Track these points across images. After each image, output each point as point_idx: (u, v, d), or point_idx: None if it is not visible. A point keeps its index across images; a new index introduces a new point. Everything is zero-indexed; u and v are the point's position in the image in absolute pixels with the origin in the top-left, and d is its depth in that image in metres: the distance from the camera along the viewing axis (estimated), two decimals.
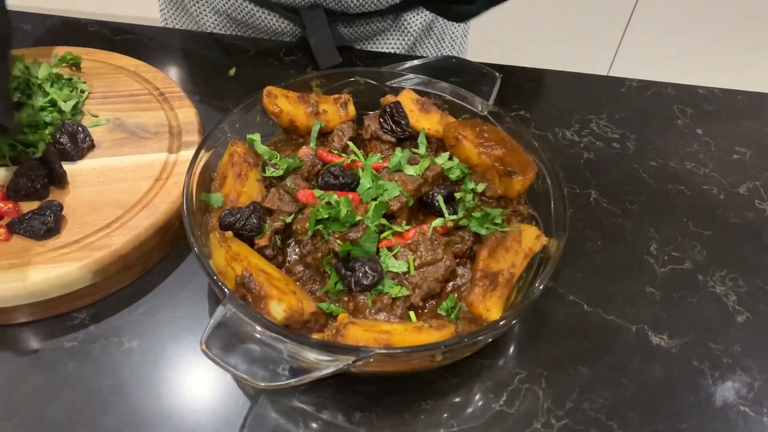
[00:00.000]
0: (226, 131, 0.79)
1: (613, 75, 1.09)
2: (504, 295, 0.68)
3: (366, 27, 1.12)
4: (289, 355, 0.59)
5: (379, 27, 1.13)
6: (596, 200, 0.89)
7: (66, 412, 0.65)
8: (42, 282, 0.67)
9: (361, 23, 1.11)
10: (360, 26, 1.11)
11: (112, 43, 1.05)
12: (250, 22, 1.10)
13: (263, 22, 1.09)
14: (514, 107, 1.02)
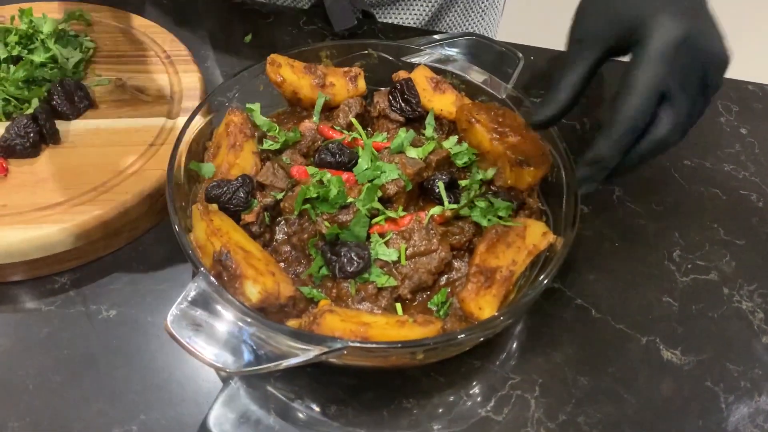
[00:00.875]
0: (227, 98, 0.76)
1: None
2: (500, 293, 0.63)
3: None
4: (259, 340, 0.55)
5: None
6: (619, 198, 0.83)
7: (33, 378, 0.63)
8: (21, 242, 0.65)
9: None
10: None
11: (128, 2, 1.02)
12: None
13: None
14: (541, 92, 0.95)
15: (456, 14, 1.13)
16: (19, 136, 0.71)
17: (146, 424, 0.61)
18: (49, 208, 0.68)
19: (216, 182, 0.67)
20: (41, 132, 0.72)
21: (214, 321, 0.56)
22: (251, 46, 0.98)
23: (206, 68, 0.93)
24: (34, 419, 0.60)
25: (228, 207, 0.66)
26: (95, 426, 0.60)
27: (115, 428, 0.60)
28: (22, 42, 0.79)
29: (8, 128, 0.72)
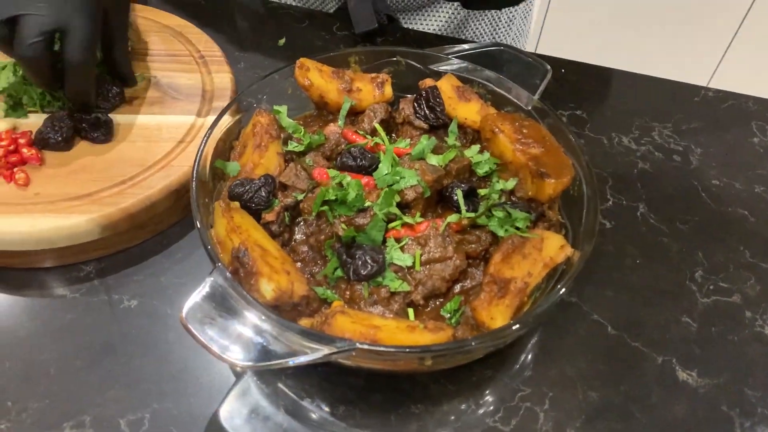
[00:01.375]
0: (256, 100, 0.77)
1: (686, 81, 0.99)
2: (514, 304, 0.63)
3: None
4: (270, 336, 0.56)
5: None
6: (643, 215, 0.82)
7: (55, 362, 0.65)
8: (50, 230, 0.67)
9: None
10: None
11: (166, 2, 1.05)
12: None
13: None
14: (571, 105, 0.95)
15: (483, 23, 1.13)
16: (54, 131, 0.73)
17: (158, 413, 0.62)
18: (78, 198, 0.70)
19: (239, 181, 0.68)
20: (75, 127, 0.74)
21: (227, 315, 0.57)
22: (284, 49, 1.00)
23: (239, 69, 0.95)
24: (52, 401, 0.62)
25: (249, 205, 0.67)
26: (109, 411, 0.62)
27: (128, 414, 0.62)
28: None
29: (45, 122, 0.74)
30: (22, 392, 0.63)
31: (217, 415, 0.62)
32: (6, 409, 0.62)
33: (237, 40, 1.02)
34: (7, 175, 0.71)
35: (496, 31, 1.14)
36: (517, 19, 1.16)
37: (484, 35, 1.14)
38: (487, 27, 1.13)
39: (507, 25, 1.15)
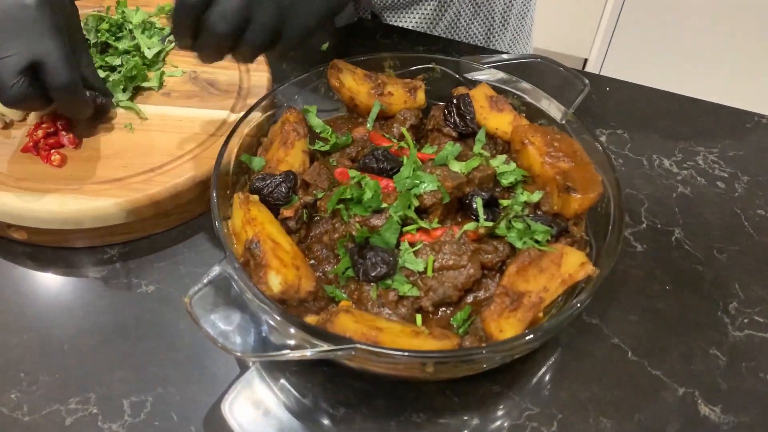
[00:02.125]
0: (289, 98, 0.78)
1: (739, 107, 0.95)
2: (526, 319, 0.61)
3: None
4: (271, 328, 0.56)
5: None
6: (678, 240, 0.78)
7: (69, 338, 0.67)
8: (77, 211, 0.69)
9: None
10: None
11: None
12: None
13: None
14: (612, 124, 0.92)
15: (476, 23, 1.09)
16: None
17: (162, 397, 0.63)
18: (107, 182, 0.72)
19: (261, 175, 0.69)
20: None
21: (231, 304, 0.57)
22: (327, 54, 1.01)
23: (281, 70, 0.97)
24: (62, 377, 0.64)
25: (268, 200, 0.67)
26: (115, 391, 0.63)
27: (132, 396, 0.63)
28: (111, 30, 0.85)
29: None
30: (35, 364, 0.65)
31: (218, 404, 0.62)
32: (18, 380, 0.63)
33: None
34: (44, 155, 0.74)
35: (490, 32, 1.11)
36: (513, 20, 1.13)
37: (478, 35, 1.11)
38: (480, 27, 1.10)
39: (501, 25, 1.12)
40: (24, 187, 0.70)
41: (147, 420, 0.61)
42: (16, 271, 0.72)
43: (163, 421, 0.61)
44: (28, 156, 0.74)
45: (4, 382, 0.63)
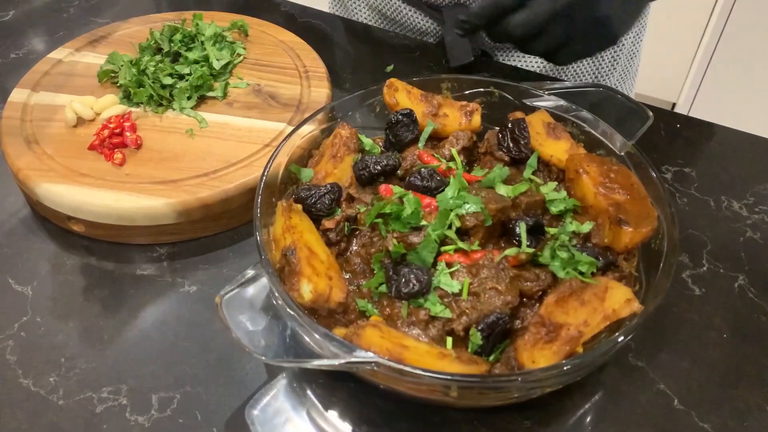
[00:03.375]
0: (344, 113, 0.79)
1: None
2: (562, 352, 0.58)
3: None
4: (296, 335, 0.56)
5: None
6: (741, 287, 0.73)
7: (110, 330, 0.69)
8: (130, 209, 0.72)
9: None
10: None
11: (293, 21, 1.11)
12: (397, 19, 1.11)
13: (409, 20, 1.09)
14: (680, 162, 0.87)
15: (584, 63, 1.08)
16: None
17: (189, 395, 0.63)
18: (162, 183, 0.74)
19: (307, 185, 0.70)
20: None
21: (260, 307, 0.58)
22: (391, 76, 1.01)
23: (343, 88, 0.98)
24: (98, 365, 0.66)
25: (311, 210, 0.68)
26: (146, 385, 0.64)
27: (162, 392, 0.64)
28: (184, 41, 0.89)
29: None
30: (76, 351, 0.67)
31: (242, 408, 0.62)
32: (59, 364, 0.66)
33: (349, 63, 1.05)
34: (107, 154, 0.77)
35: (599, 71, 1.09)
36: (622, 60, 1.11)
37: (586, 75, 1.09)
38: (588, 67, 1.08)
39: (610, 65, 1.09)
40: (85, 182, 0.74)
41: (172, 416, 0.62)
42: (72, 261, 0.76)
43: (188, 420, 0.62)
44: (92, 153, 0.78)
45: (45, 364, 0.66)
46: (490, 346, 0.60)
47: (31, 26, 1.13)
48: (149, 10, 1.17)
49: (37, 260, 0.75)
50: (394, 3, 1.10)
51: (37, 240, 0.77)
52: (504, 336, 0.61)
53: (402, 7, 1.09)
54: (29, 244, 0.77)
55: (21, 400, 0.63)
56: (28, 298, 0.71)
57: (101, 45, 0.95)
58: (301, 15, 1.14)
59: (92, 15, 1.15)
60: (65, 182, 0.74)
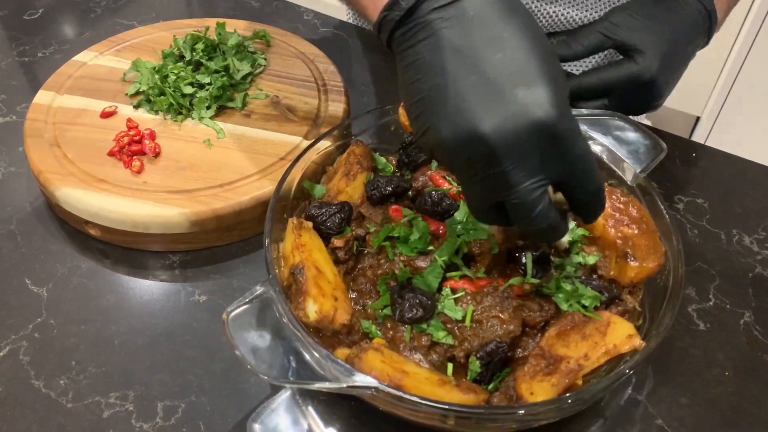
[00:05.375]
0: (360, 131, 0.80)
1: None
2: (561, 384, 0.58)
3: None
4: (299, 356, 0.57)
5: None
6: (747, 324, 0.73)
7: (120, 335, 0.70)
8: (145, 216, 0.74)
9: None
10: None
11: (315, 32, 1.12)
12: None
13: None
14: (693, 192, 0.87)
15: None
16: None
17: (193, 405, 0.65)
18: (178, 192, 0.76)
19: (318, 203, 0.71)
20: None
21: (266, 325, 0.59)
22: None
23: (361, 103, 0.99)
24: (107, 370, 0.67)
25: (321, 228, 0.69)
26: (152, 392, 0.66)
27: (167, 400, 0.65)
28: (206, 50, 0.90)
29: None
30: (86, 355, 0.69)
31: (243, 421, 0.64)
32: (69, 367, 0.68)
33: (366, 75, 1.06)
34: (126, 161, 0.79)
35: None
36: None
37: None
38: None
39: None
40: (103, 188, 0.76)
41: (176, 425, 0.64)
42: (87, 265, 0.77)
43: (191, 429, 0.63)
44: (111, 159, 0.80)
45: (57, 366, 0.68)
46: (489, 374, 0.60)
47: (59, 25, 1.16)
48: (176, 12, 1.19)
49: (54, 262, 0.77)
50: None
51: (55, 242, 0.79)
52: (503, 364, 0.62)
53: None
54: (47, 245, 0.79)
55: (32, 401, 0.65)
56: (43, 299, 0.73)
57: (125, 50, 0.97)
58: (324, 24, 1.15)
59: (118, 16, 1.17)
60: (84, 187, 0.76)
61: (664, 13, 0.86)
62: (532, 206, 0.52)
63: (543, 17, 1.00)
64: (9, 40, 1.11)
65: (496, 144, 0.49)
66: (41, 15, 1.18)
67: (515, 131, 0.49)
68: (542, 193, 0.52)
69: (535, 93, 0.49)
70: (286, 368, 0.57)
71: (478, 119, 0.49)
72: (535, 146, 0.50)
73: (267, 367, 0.56)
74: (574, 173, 0.53)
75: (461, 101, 0.50)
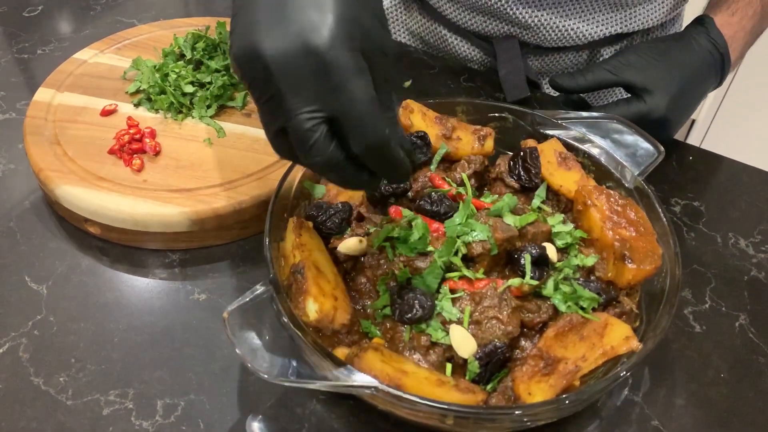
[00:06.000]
0: None
1: None
2: (558, 385, 0.59)
3: (558, 61, 1.07)
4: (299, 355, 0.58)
5: (573, 61, 1.07)
6: (742, 327, 0.73)
7: (120, 333, 0.71)
8: (146, 215, 0.74)
9: (554, 57, 1.06)
10: (552, 60, 1.07)
11: None
12: (441, 47, 1.11)
13: (454, 48, 1.10)
14: (689, 195, 0.88)
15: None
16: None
17: (192, 403, 0.65)
18: (178, 191, 0.76)
19: (318, 203, 0.71)
20: None
21: (266, 324, 0.59)
22: (408, 91, 1.03)
23: None
24: (107, 368, 0.68)
25: (321, 228, 0.69)
26: (152, 390, 0.66)
27: (167, 398, 0.65)
28: (207, 49, 0.91)
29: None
30: (86, 352, 0.69)
31: (242, 420, 0.64)
32: (69, 364, 0.68)
33: None
34: (126, 159, 0.79)
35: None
36: None
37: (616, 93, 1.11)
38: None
39: None
40: (103, 187, 0.76)
41: (175, 423, 0.64)
42: (87, 262, 0.77)
43: (190, 428, 0.64)
44: (112, 157, 0.80)
45: (57, 364, 0.68)
46: (487, 374, 0.61)
47: (58, 22, 1.16)
48: (175, 11, 1.19)
49: (54, 260, 0.77)
50: (439, 32, 1.10)
51: (55, 239, 0.79)
52: (502, 365, 0.62)
53: (448, 35, 1.10)
54: (46, 242, 0.79)
55: (31, 398, 0.65)
56: (42, 296, 0.73)
57: (126, 48, 0.97)
58: None
59: (118, 14, 1.17)
60: (84, 185, 0.76)
61: (675, 54, 0.88)
62: (306, 137, 0.49)
63: (552, 31, 1.01)
64: (8, 37, 1.11)
65: (271, 64, 0.47)
66: (41, 12, 1.18)
67: (289, 52, 0.47)
68: (317, 124, 0.49)
69: (318, 18, 0.47)
70: (285, 367, 0.57)
71: (261, 37, 0.48)
72: (309, 73, 0.48)
73: (267, 366, 0.56)
74: (347, 116, 0.49)
75: (253, 18, 0.49)
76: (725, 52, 0.89)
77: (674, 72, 0.87)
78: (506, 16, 1.00)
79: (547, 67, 1.08)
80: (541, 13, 0.99)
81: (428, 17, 1.10)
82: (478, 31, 1.05)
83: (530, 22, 1.00)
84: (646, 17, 1.03)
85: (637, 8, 1.02)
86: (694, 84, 0.88)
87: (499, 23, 1.02)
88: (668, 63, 0.87)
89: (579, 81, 0.89)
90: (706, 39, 0.89)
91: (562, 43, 1.02)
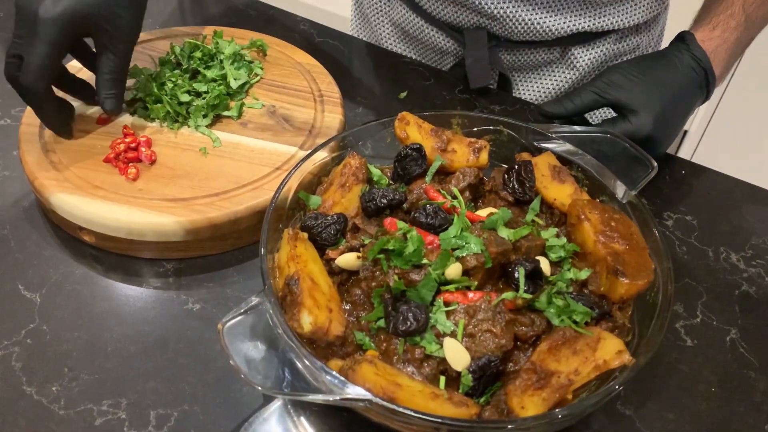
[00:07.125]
0: (355, 143, 0.81)
1: None
2: (551, 399, 0.59)
3: (529, 56, 1.09)
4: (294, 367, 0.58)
5: (544, 59, 1.09)
6: (733, 341, 0.74)
7: (114, 342, 0.70)
8: (141, 224, 0.74)
9: (524, 52, 1.08)
10: (523, 55, 1.09)
11: (311, 42, 1.13)
12: (419, 37, 1.14)
13: (430, 39, 1.12)
14: (682, 209, 0.89)
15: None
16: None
17: (186, 413, 0.65)
18: (173, 201, 0.76)
19: (314, 214, 0.71)
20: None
21: (261, 336, 0.59)
22: (403, 102, 1.03)
23: (356, 113, 1.00)
24: (100, 377, 0.67)
25: (317, 239, 0.70)
26: (145, 400, 0.66)
27: (160, 408, 0.65)
28: (203, 59, 0.91)
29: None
30: (79, 362, 0.69)
31: (237, 430, 0.64)
32: (62, 374, 0.68)
33: (362, 86, 1.07)
34: (122, 168, 0.79)
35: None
36: None
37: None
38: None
39: None
40: (98, 195, 0.76)
41: None
42: (81, 271, 0.77)
43: None
44: (107, 166, 0.80)
45: (49, 373, 0.68)
46: (480, 387, 0.61)
47: None
48: (171, 19, 1.19)
49: (48, 268, 0.77)
50: (417, 22, 1.12)
51: (49, 247, 0.79)
52: (495, 378, 0.63)
53: (425, 26, 1.11)
54: (41, 251, 0.79)
55: (24, 407, 0.65)
56: (36, 305, 0.73)
57: None
58: (321, 34, 1.16)
59: None
60: (79, 193, 0.76)
61: (658, 73, 0.89)
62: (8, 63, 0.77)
63: (519, 24, 1.02)
64: (4, 43, 1.11)
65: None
66: None
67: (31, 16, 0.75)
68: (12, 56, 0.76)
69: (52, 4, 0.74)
70: (280, 379, 0.58)
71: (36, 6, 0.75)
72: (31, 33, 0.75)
73: (261, 378, 0.57)
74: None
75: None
76: (708, 68, 0.90)
77: (658, 91, 0.87)
78: (474, 6, 1.02)
79: (519, 62, 1.10)
80: (507, 5, 1.00)
81: (407, 8, 1.12)
82: (450, 22, 1.07)
83: (497, 14, 1.01)
84: (617, 18, 1.04)
85: (608, 8, 1.03)
86: (678, 102, 0.89)
87: (469, 14, 1.04)
88: (652, 82, 0.88)
89: (567, 106, 0.90)
90: (688, 56, 0.90)
91: (530, 36, 1.04)
